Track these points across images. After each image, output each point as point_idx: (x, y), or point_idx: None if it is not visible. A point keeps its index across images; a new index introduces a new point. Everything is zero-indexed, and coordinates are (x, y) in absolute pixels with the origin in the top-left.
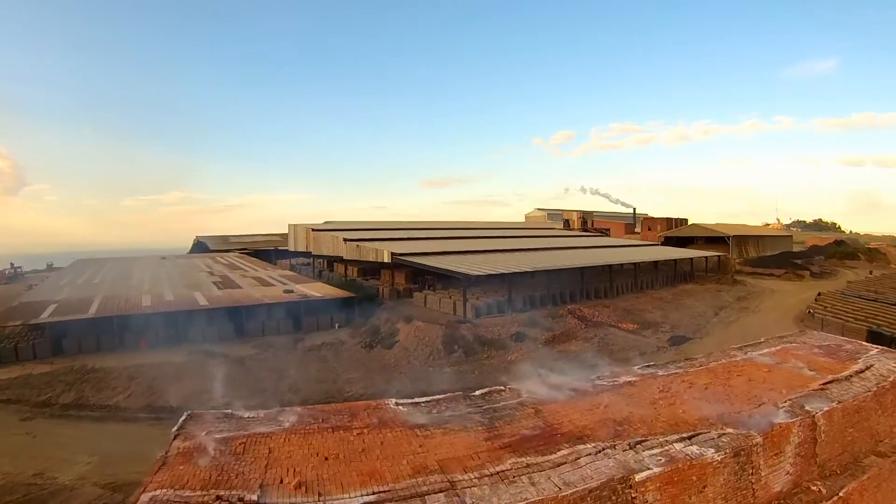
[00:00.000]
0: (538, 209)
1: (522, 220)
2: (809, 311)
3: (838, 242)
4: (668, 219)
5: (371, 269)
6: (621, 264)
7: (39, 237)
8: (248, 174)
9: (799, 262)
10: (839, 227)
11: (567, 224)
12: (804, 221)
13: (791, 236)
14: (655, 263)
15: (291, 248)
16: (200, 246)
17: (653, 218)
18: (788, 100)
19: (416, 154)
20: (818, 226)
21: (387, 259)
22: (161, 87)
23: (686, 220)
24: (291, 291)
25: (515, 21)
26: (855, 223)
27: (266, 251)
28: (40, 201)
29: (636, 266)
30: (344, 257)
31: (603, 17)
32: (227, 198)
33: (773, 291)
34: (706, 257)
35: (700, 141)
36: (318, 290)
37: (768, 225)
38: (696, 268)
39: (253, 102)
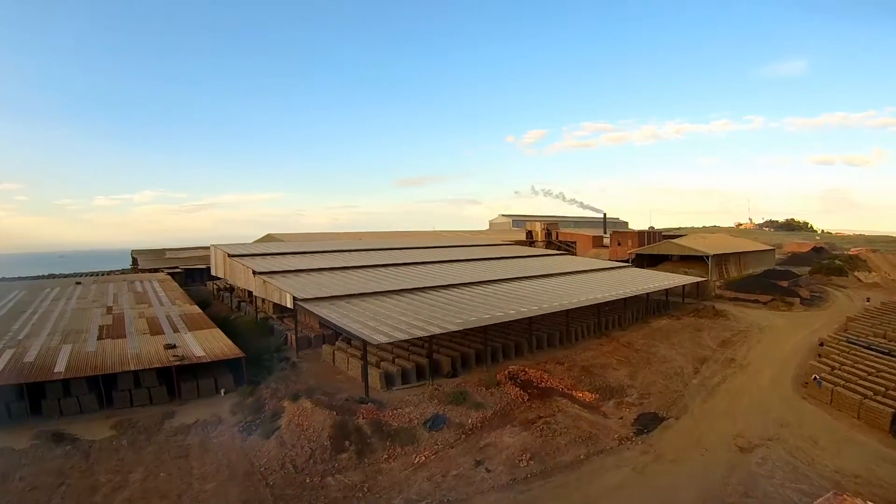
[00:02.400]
0: (502, 215)
1: (490, 222)
2: (815, 378)
3: (818, 250)
4: (640, 232)
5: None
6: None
7: (12, 239)
8: (221, 173)
9: (785, 284)
10: (811, 227)
11: (530, 235)
12: (777, 221)
13: (773, 250)
14: (625, 302)
15: (213, 273)
16: (136, 261)
17: (623, 231)
18: (759, 99)
19: (390, 153)
20: (790, 226)
21: (289, 304)
22: (134, 84)
23: (659, 232)
24: (173, 346)
25: (488, 20)
26: (826, 222)
27: (200, 270)
28: (10, 201)
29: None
30: (253, 293)
31: (575, 17)
32: (200, 197)
33: (762, 330)
34: (683, 286)
35: (672, 139)
36: (209, 341)
37: (741, 225)
38: (672, 291)
39: (226, 100)
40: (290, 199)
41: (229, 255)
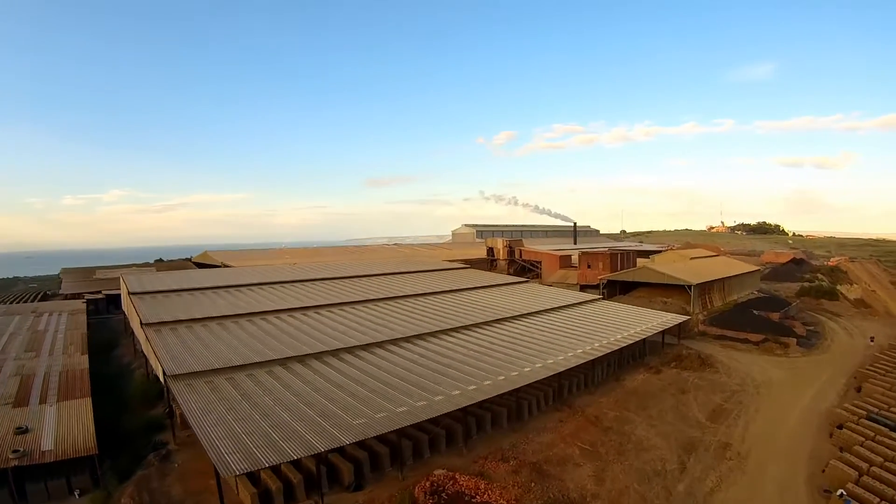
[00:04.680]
0: (465, 225)
1: (453, 232)
2: (841, 494)
3: (797, 262)
4: (612, 254)
5: None
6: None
7: None
8: (191, 173)
9: (776, 317)
10: (783, 230)
11: (491, 253)
12: (749, 225)
13: (759, 271)
14: (593, 362)
15: (122, 307)
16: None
17: (594, 252)
18: (729, 102)
19: (361, 153)
20: (763, 229)
21: (162, 380)
22: (101, 82)
23: (634, 251)
24: (25, 431)
25: (460, 22)
26: (795, 223)
27: None
28: None
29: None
30: (143, 351)
31: (546, 20)
32: (170, 197)
33: (758, 389)
34: (663, 331)
35: (642, 142)
36: (70, 422)
37: (713, 228)
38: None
39: (195, 101)
40: (260, 198)
41: (130, 294)
